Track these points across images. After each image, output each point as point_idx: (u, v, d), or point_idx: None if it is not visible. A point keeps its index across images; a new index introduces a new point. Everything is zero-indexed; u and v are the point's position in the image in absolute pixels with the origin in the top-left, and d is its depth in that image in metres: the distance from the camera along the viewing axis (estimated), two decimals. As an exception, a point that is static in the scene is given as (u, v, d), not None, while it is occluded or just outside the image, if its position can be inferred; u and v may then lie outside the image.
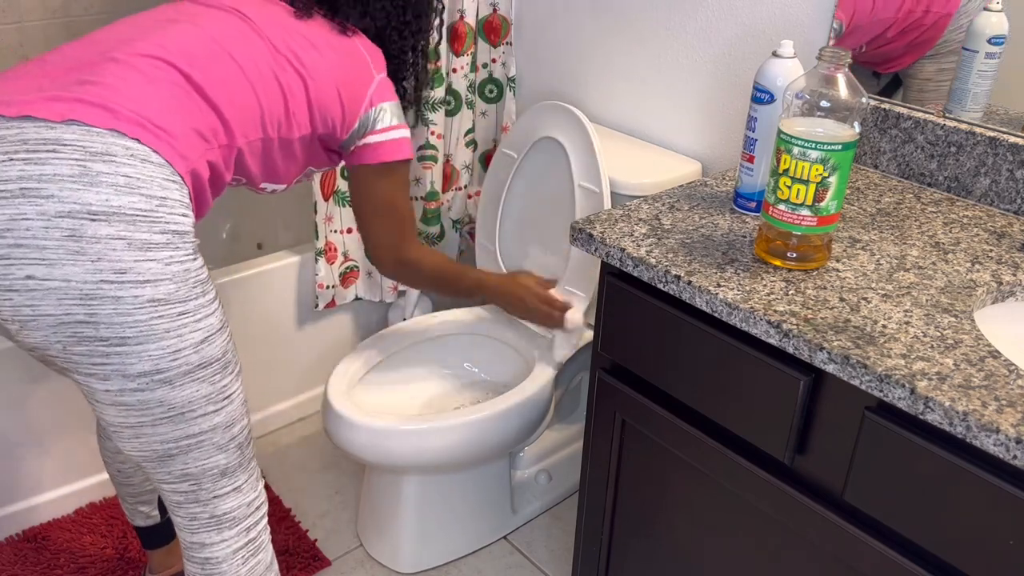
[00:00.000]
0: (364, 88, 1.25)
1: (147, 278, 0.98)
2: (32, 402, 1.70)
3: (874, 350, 0.89)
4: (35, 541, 1.75)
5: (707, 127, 1.65)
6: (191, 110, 1.08)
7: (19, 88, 1.02)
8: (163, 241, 0.99)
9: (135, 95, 1.03)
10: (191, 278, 1.02)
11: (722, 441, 1.08)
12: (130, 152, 0.99)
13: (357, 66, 1.25)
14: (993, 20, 1.21)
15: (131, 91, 1.03)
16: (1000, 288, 1.03)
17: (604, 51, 1.80)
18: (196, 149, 1.07)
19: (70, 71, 1.05)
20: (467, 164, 2.02)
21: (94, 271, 0.96)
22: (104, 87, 1.02)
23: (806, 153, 0.98)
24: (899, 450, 0.88)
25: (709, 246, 1.10)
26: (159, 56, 1.08)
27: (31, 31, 1.98)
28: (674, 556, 1.23)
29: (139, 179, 0.98)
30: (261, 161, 1.21)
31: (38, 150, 0.96)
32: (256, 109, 1.15)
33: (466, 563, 1.76)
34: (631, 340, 1.15)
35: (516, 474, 1.87)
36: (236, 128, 1.13)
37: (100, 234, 0.95)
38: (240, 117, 1.13)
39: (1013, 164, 1.22)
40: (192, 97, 1.08)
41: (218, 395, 1.09)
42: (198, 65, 1.10)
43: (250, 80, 1.14)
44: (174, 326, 1.01)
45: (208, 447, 1.11)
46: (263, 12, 1.20)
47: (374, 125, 1.27)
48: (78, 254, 0.95)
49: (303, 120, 1.21)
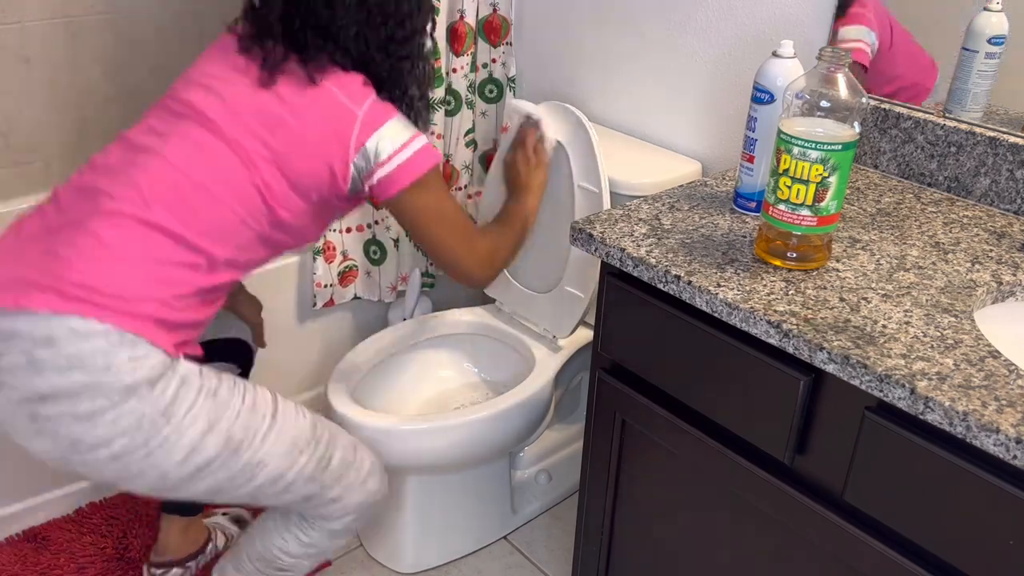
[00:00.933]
0: (346, 137, 1.19)
1: (98, 442, 1.08)
2: (32, 402, 1.70)
3: (874, 350, 0.89)
4: (35, 541, 1.75)
5: (707, 127, 1.65)
6: (159, 258, 1.11)
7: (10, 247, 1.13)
8: (108, 404, 1.07)
9: (92, 266, 1.08)
10: (147, 421, 1.09)
11: (722, 441, 1.08)
12: (73, 331, 1.05)
13: (333, 115, 1.19)
14: (993, 20, 1.21)
15: (89, 261, 1.08)
16: (1000, 288, 1.03)
17: (604, 51, 1.79)
18: (162, 294, 1.11)
19: (41, 238, 1.12)
20: (467, 164, 2.02)
21: (55, 446, 1.09)
22: (62, 262, 1.08)
23: (806, 153, 0.98)
24: (899, 450, 0.88)
25: (709, 246, 1.10)
26: (129, 213, 1.11)
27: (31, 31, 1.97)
28: (674, 556, 1.23)
29: (79, 356, 1.05)
30: (267, 248, 1.24)
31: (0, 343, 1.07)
32: (235, 220, 1.17)
33: (466, 563, 1.76)
34: (631, 340, 1.15)
35: (516, 474, 1.87)
36: (218, 247, 1.16)
37: (51, 413, 1.07)
38: (221, 237, 1.16)
39: (1013, 164, 1.22)
40: (161, 242, 1.12)
41: (242, 473, 1.18)
42: (168, 208, 1.13)
43: (223, 199, 1.15)
44: (147, 464, 1.11)
45: (269, 497, 1.24)
46: (228, 101, 1.18)
47: (377, 158, 1.21)
48: (40, 432, 1.09)
49: (291, 202, 1.20)
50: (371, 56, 1.23)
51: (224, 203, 1.15)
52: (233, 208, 1.16)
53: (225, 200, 1.15)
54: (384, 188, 1.23)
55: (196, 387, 1.14)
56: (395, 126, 1.22)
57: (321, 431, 1.27)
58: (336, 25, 1.19)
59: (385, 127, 1.21)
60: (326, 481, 1.27)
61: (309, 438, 1.24)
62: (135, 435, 1.08)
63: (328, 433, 1.29)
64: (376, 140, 1.20)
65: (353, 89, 1.21)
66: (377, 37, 1.22)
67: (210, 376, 1.17)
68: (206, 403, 1.14)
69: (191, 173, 1.14)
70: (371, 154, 1.20)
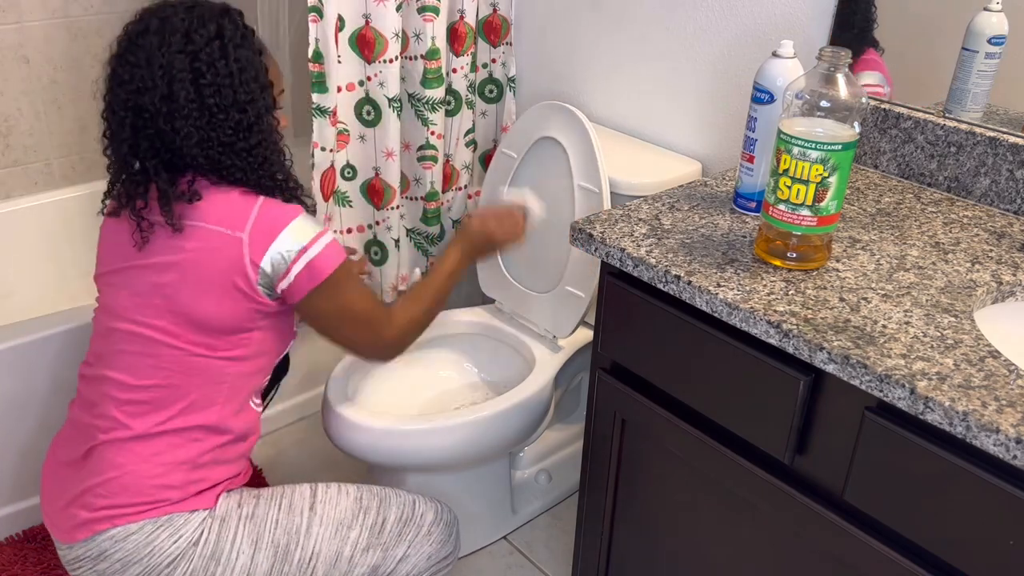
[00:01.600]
0: (240, 263, 1.15)
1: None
2: (32, 402, 1.70)
3: (874, 350, 0.89)
4: (35, 541, 1.75)
5: (707, 127, 1.65)
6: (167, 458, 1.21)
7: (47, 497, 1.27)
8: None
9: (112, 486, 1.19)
10: (199, 573, 1.19)
11: (722, 441, 1.08)
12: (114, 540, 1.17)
13: (217, 248, 1.15)
14: (993, 20, 1.21)
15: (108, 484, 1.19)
16: (1000, 288, 1.03)
17: (604, 51, 1.79)
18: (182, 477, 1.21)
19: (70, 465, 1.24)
20: (467, 164, 2.02)
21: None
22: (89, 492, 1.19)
23: (806, 153, 0.98)
24: (899, 450, 0.88)
25: (709, 246, 1.10)
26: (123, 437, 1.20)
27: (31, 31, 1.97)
28: (674, 556, 1.23)
29: (128, 555, 1.17)
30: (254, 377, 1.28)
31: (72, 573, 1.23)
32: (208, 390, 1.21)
33: (466, 563, 1.76)
34: (631, 340, 1.15)
35: (516, 474, 1.87)
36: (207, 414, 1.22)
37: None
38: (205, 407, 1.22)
39: (1013, 164, 1.21)
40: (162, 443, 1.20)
41: (300, 571, 1.24)
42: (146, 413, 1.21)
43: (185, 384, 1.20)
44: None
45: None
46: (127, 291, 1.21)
47: (276, 271, 1.16)
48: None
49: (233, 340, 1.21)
50: (225, 159, 1.16)
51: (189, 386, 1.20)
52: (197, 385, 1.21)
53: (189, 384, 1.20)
54: (292, 294, 1.19)
55: (235, 519, 1.22)
56: (294, 228, 1.16)
57: (368, 500, 1.31)
58: (180, 137, 1.14)
59: (283, 233, 1.16)
60: (386, 543, 1.29)
61: (356, 511, 1.29)
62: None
63: (377, 499, 1.32)
64: (270, 256, 1.15)
65: (230, 211, 1.16)
66: (223, 135, 1.15)
67: (248, 499, 1.25)
68: (246, 528, 1.22)
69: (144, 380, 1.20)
70: (275, 267, 1.16)
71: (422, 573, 1.33)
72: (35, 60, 2.00)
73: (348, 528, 1.27)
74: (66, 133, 2.11)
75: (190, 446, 1.21)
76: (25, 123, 2.04)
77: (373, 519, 1.29)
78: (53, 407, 1.73)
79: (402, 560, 1.31)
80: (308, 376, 2.14)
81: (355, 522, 1.28)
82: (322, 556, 1.25)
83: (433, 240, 2.07)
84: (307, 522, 1.25)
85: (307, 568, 1.24)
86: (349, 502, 1.29)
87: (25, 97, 2.02)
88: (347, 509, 1.28)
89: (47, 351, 1.68)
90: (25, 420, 1.70)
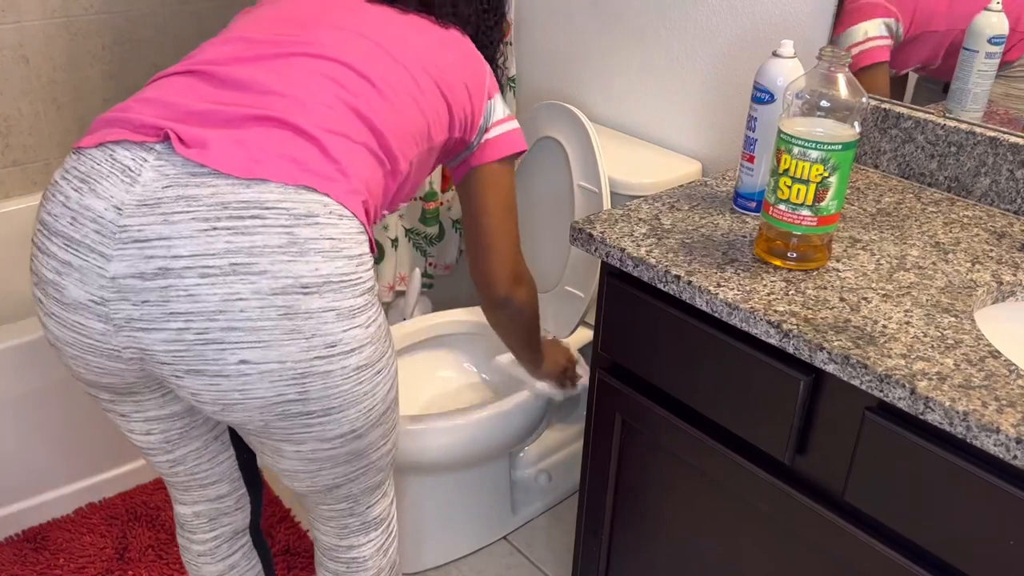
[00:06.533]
0: (483, 79, 1.15)
1: (353, 346, 0.94)
2: (32, 402, 1.70)
3: (874, 350, 0.89)
4: (35, 541, 1.75)
5: (707, 127, 1.65)
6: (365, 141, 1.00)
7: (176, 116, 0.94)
8: (363, 303, 0.94)
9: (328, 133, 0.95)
10: (383, 333, 0.99)
11: (722, 441, 1.08)
12: (328, 209, 0.91)
13: (472, 58, 1.14)
14: (993, 20, 1.21)
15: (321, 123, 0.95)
16: (1000, 288, 1.03)
17: (604, 51, 1.79)
18: (367, 187, 0.99)
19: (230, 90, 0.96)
20: (467, 164, 2.02)
21: (307, 348, 0.91)
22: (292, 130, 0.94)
23: (806, 153, 0.98)
24: (899, 450, 0.88)
25: (709, 246, 1.10)
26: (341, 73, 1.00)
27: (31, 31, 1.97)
28: (674, 556, 1.23)
29: (341, 240, 0.92)
30: (414, 178, 1.13)
31: (241, 216, 0.88)
32: (417, 123, 1.06)
33: (466, 563, 1.76)
34: (631, 340, 1.15)
35: (516, 474, 1.87)
36: (398, 152, 1.04)
37: (312, 308, 0.90)
38: (401, 136, 1.04)
39: (1013, 164, 1.21)
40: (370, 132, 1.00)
41: (390, 429, 1.08)
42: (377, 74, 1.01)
43: (416, 90, 1.05)
44: (371, 387, 0.99)
45: (372, 471, 1.10)
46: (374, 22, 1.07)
47: (494, 117, 1.17)
48: (293, 332, 0.89)
49: (444, 125, 1.11)
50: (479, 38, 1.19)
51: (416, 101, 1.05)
52: (422, 108, 1.06)
53: (417, 98, 1.05)
54: (489, 150, 1.17)
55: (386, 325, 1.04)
56: (501, 97, 1.19)
57: None
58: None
59: (499, 93, 1.19)
60: (392, 469, 1.19)
61: None
62: (377, 346, 0.98)
63: None
64: (495, 101, 1.17)
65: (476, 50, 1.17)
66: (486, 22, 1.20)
67: None
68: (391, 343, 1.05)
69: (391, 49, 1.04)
70: (492, 112, 1.16)
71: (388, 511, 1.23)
72: (35, 60, 2.00)
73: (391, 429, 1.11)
74: (66, 133, 2.11)
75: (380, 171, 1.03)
76: (25, 123, 2.04)
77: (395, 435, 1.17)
78: (53, 407, 1.73)
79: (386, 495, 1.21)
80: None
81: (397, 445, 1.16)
82: (396, 430, 1.11)
83: (432, 240, 2.07)
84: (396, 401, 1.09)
85: (392, 429, 1.09)
86: None
87: (25, 97, 2.02)
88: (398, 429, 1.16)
89: (46, 351, 1.68)
90: (25, 420, 1.70)
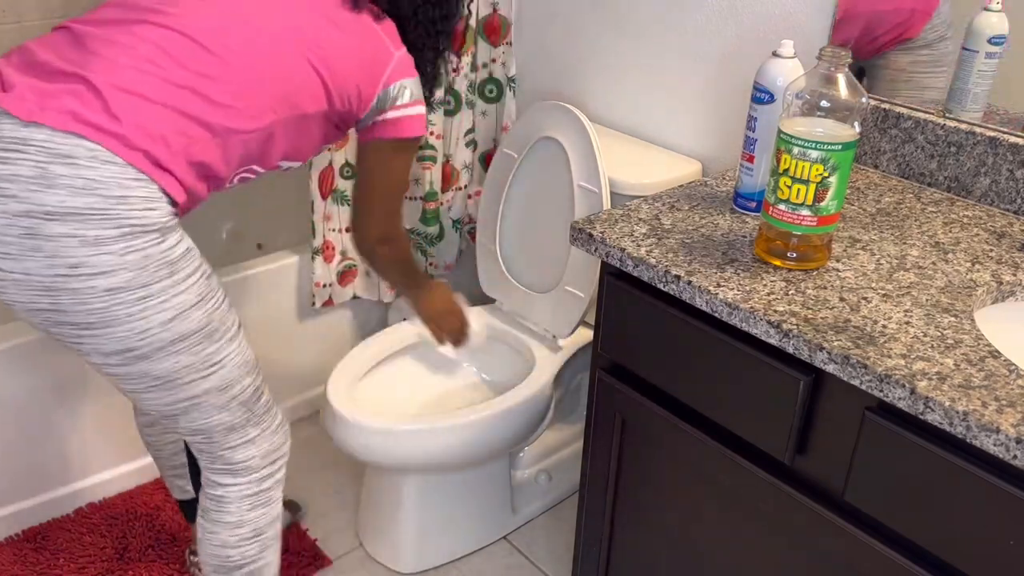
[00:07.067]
0: (379, 72, 1.26)
1: (102, 269, 1.05)
2: (31, 403, 1.70)
3: (874, 350, 0.89)
4: (35, 541, 1.75)
5: (707, 127, 1.65)
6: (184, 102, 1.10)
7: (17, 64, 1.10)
8: (118, 234, 1.05)
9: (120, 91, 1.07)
10: (152, 263, 1.08)
11: (722, 441, 1.08)
12: (92, 155, 1.04)
13: (372, 47, 1.25)
14: (993, 20, 1.21)
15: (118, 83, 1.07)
16: (1000, 288, 1.03)
17: (604, 51, 1.79)
18: (176, 145, 1.10)
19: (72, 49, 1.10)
20: (467, 164, 2.02)
21: (49, 266, 1.04)
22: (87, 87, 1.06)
23: (806, 153, 0.98)
24: (899, 450, 0.88)
25: (709, 246, 1.10)
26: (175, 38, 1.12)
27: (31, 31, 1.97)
28: (674, 556, 1.23)
29: (98, 181, 1.04)
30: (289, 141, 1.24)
31: (7, 149, 1.03)
32: (270, 90, 1.17)
33: (466, 563, 1.76)
34: (631, 340, 1.15)
35: (516, 474, 1.87)
36: (240, 116, 1.15)
37: (54, 232, 1.03)
38: (246, 100, 1.15)
39: (1013, 164, 1.22)
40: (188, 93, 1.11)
41: (203, 364, 1.16)
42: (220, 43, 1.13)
43: (269, 55, 1.16)
44: (136, 310, 1.08)
45: (207, 408, 1.21)
46: None
47: (394, 101, 1.28)
48: (34, 250, 1.03)
49: (318, 97, 1.22)
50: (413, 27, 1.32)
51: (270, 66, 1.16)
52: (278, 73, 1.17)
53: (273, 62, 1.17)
54: (382, 129, 1.30)
55: (199, 261, 1.15)
56: (415, 83, 1.31)
57: (259, 368, 1.28)
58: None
59: (411, 80, 1.29)
60: (255, 412, 1.26)
61: (254, 365, 1.26)
62: (139, 273, 1.07)
63: (262, 375, 1.29)
64: (399, 86, 1.28)
65: (391, 34, 1.29)
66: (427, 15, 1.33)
67: (205, 261, 1.18)
68: (202, 280, 1.15)
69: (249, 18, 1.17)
70: (390, 96, 1.27)
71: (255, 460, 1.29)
72: (35, 60, 2.00)
73: (247, 373, 1.23)
74: (66, 133, 2.11)
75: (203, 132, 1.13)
76: (25, 123, 2.04)
77: (259, 384, 1.26)
78: (53, 407, 1.73)
79: (250, 442, 1.27)
80: (308, 376, 2.14)
81: (253, 372, 1.24)
82: (223, 372, 1.19)
83: (432, 240, 2.07)
84: (234, 332, 1.20)
85: (209, 368, 1.17)
86: (252, 355, 1.25)
87: (25, 97, 2.02)
88: (252, 358, 1.25)
89: (47, 351, 1.68)
90: (25, 420, 1.70)
